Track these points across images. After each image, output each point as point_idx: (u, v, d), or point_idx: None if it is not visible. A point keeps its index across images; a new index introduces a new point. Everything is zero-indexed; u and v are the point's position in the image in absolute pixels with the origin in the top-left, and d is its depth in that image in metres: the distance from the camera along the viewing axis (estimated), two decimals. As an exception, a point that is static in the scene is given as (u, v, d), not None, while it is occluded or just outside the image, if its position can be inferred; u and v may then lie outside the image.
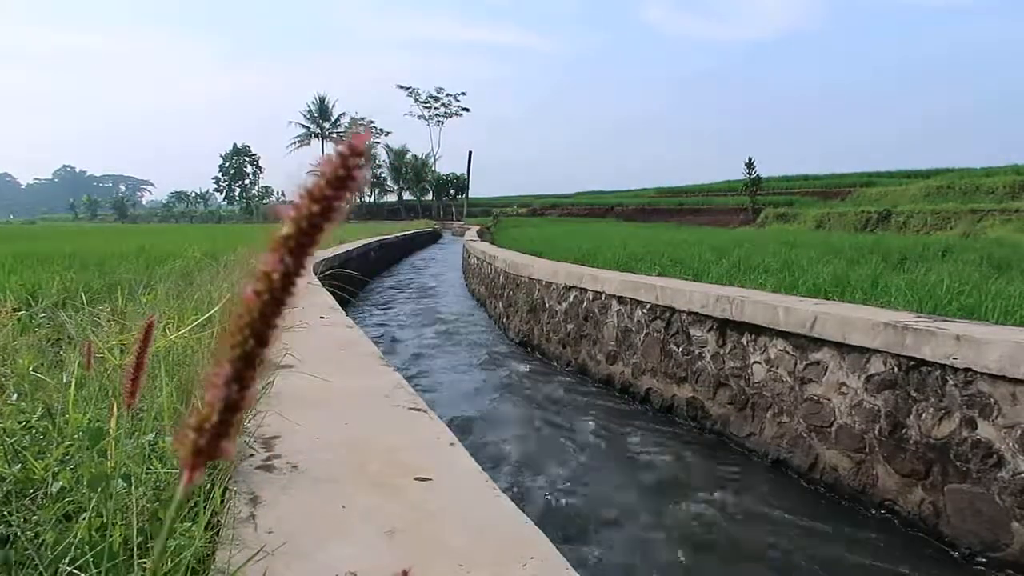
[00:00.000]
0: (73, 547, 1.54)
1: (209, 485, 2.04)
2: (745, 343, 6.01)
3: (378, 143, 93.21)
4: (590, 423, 6.80)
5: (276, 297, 0.36)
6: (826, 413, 5.12)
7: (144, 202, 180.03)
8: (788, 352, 5.50)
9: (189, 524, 1.72)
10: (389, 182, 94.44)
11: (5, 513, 1.66)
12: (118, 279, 6.14)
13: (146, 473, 1.83)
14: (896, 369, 4.57)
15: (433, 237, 48.59)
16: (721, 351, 6.32)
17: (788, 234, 20.40)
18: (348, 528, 1.99)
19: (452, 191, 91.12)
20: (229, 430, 0.37)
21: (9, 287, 4.92)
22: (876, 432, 4.70)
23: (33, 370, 2.53)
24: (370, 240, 23.61)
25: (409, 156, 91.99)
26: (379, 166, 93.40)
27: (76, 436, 1.85)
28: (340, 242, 20.29)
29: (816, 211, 31.13)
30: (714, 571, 4.18)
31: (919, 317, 4.86)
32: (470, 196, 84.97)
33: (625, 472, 5.54)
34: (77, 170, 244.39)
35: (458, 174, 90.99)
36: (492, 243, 20.41)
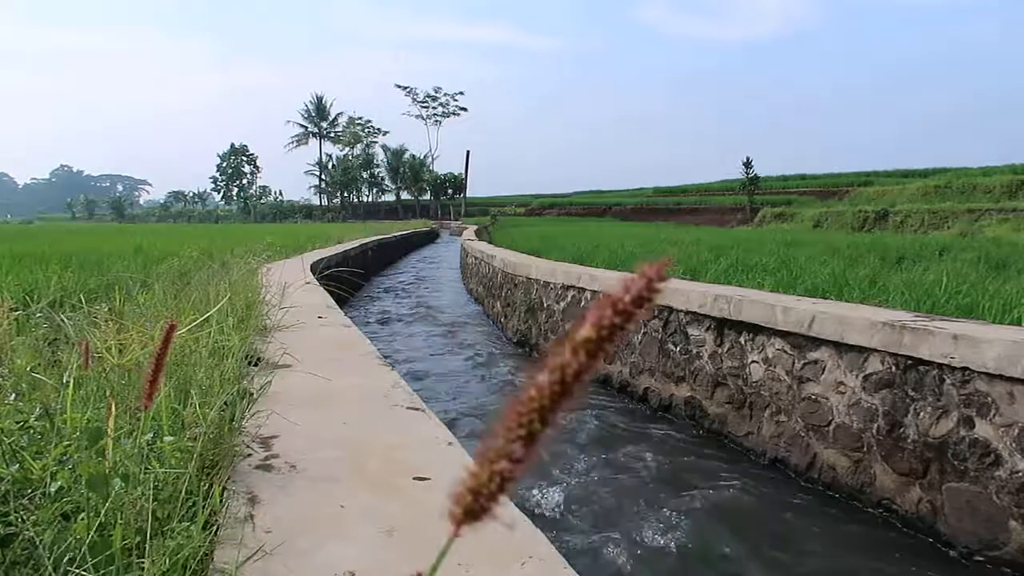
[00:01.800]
0: (72, 547, 1.53)
1: (207, 485, 2.04)
2: (743, 342, 6.02)
3: (376, 143, 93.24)
4: (587, 422, 6.80)
5: (566, 389, 0.41)
6: (824, 412, 5.13)
7: (142, 202, 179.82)
8: (786, 351, 5.51)
9: (187, 524, 1.72)
10: (387, 182, 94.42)
11: (4, 513, 1.66)
12: (115, 279, 6.13)
13: (144, 473, 1.83)
14: (894, 368, 4.58)
15: (431, 237, 48.58)
16: (719, 350, 6.32)
17: (786, 233, 20.42)
18: (347, 528, 1.99)
19: (450, 191, 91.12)
20: (500, 497, 0.42)
21: (6, 287, 4.92)
22: (874, 431, 4.71)
23: (31, 370, 2.53)
24: (368, 240, 23.60)
25: (407, 156, 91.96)
26: (377, 166, 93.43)
27: (74, 436, 1.85)
28: (338, 242, 20.30)
29: (814, 210, 31.18)
30: (712, 570, 4.19)
31: (917, 316, 4.87)
32: (468, 196, 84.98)
33: (623, 470, 5.54)
34: (74, 170, 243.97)
35: (456, 174, 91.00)
36: (490, 243, 20.41)
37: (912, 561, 4.12)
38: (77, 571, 1.49)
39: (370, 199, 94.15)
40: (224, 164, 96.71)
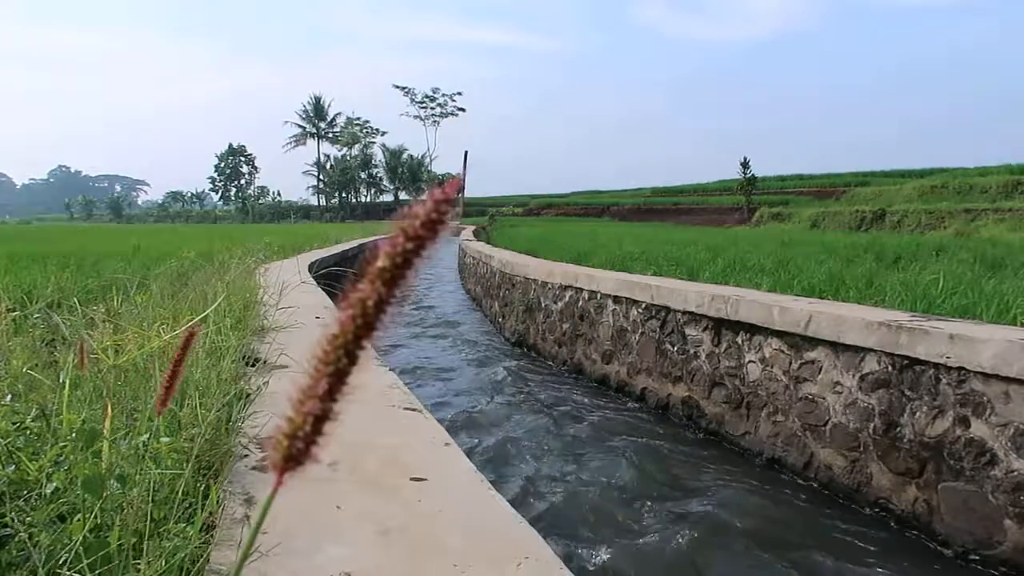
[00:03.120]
0: (68, 548, 1.54)
1: (204, 486, 2.04)
2: (740, 342, 6.03)
3: (374, 143, 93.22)
4: (585, 422, 6.81)
5: (369, 321, 0.41)
6: (821, 412, 5.14)
7: (140, 202, 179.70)
8: (783, 351, 5.52)
9: (184, 525, 1.72)
10: (385, 182, 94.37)
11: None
12: (113, 279, 6.12)
13: (140, 474, 1.83)
14: (890, 368, 4.59)
15: (429, 237, 48.46)
16: (716, 350, 6.33)
17: (783, 233, 20.45)
18: (343, 528, 1.99)
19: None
20: (319, 439, 0.42)
21: (3, 287, 4.91)
22: (870, 431, 4.72)
23: (27, 371, 2.53)
24: (366, 240, 23.60)
25: (405, 156, 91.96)
26: (375, 166, 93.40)
27: (70, 437, 1.85)
28: (336, 242, 20.29)
29: (811, 210, 31.23)
30: (709, 570, 4.19)
31: (913, 316, 4.88)
32: (466, 196, 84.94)
33: (620, 470, 5.55)
34: (72, 170, 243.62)
35: (454, 174, 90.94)
36: (488, 243, 20.42)
37: (908, 560, 4.13)
38: (73, 573, 1.49)
39: (368, 199, 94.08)
40: (222, 164, 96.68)
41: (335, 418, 0.41)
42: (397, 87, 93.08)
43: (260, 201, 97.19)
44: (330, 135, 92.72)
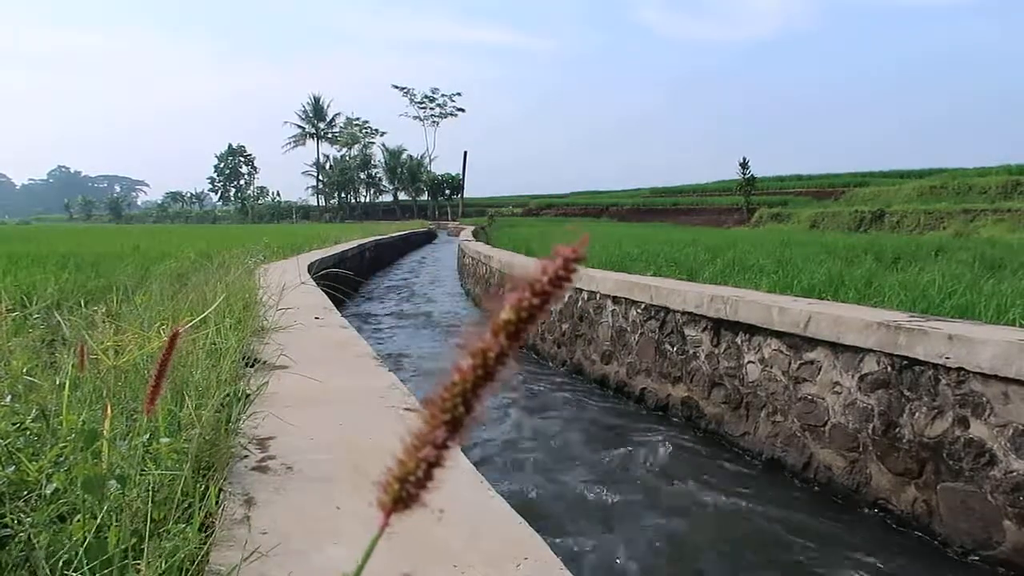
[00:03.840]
0: (67, 549, 1.54)
1: (204, 487, 2.04)
2: (739, 343, 6.03)
3: (373, 143, 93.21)
4: (584, 422, 6.81)
5: (488, 372, 0.41)
6: (820, 412, 5.14)
7: (139, 203, 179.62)
8: (782, 352, 5.52)
9: (184, 526, 1.72)
10: (385, 182, 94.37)
11: (0, 515, 1.66)
12: (113, 280, 6.13)
13: (140, 475, 1.83)
14: (889, 368, 4.59)
15: (428, 237, 48.57)
16: (715, 351, 6.33)
17: (782, 234, 20.46)
18: (343, 529, 2.00)
19: (447, 191, 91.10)
20: (429, 484, 0.42)
21: (4, 288, 4.91)
22: (869, 431, 4.73)
23: (27, 371, 2.53)
24: (366, 240, 23.60)
25: (405, 156, 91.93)
26: (374, 166, 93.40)
27: (70, 438, 1.85)
28: (335, 242, 20.29)
29: (810, 211, 31.24)
30: (705, 567, 4.20)
31: (912, 317, 4.89)
32: (465, 196, 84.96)
33: (618, 470, 5.55)
34: (72, 170, 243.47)
35: (453, 174, 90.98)
36: (487, 243, 20.42)
37: (908, 561, 4.13)
38: (73, 574, 1.49)
39: (367, 199, 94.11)
40: (222, 165, 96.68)
41: (446, 465, 0.42)
42: (396, 87, 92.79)
43: (259, 201, 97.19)
44: (329, 135, 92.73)
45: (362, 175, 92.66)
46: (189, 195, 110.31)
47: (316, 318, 5.90)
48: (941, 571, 4.02)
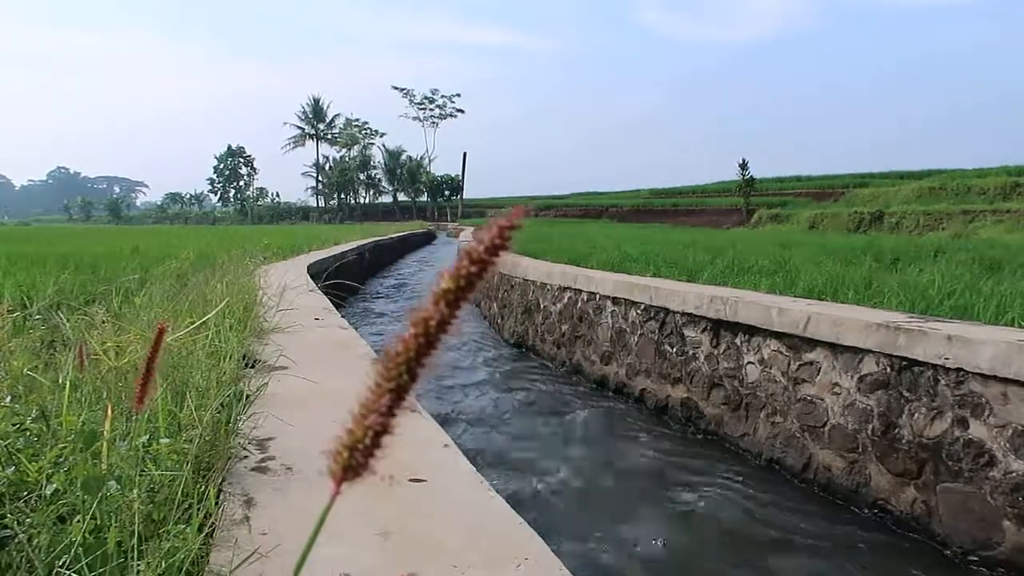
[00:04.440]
0: (67, 549, 1.54)
1: (203, 487, 2.04)
2: (739, 344, 6.03)
3: (373, 144, 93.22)
4: (583, 423, 6.81)
5: (430, 340, 0.42)
6: (819, 413, 5.14)
7: (139, 204, 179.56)
8: (782, 352, 5.53)
9: (183, 526, 1.73)
10: (384, 183, 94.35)
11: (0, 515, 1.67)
12: (113, 281, 6.13)
13: (140, 475, 1.83)
14: (889, 369, 4.60)
15: (428, 238, 48.56)
16: (715, 352, 6.34)
17: (782, 235, 20.47)
18: (342, 529, 2.00)
19: (447, 192, 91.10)
20: (377, 451, 0.43)
21: (4, 289, 4.91)
22: (869, 432, 4.73)
23: (27, 372, 2.53)
24: (365, 241, 23.59)
25: (404, 157, 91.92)
26: (374, 167, 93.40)
27: (70, 438, 1.85)
28: (335, 243, 20.29)
29: (809, 212, 31.26)
30: (705, 568, 4.20)
31: (911, 317, 4.89)
32: (464, 197, 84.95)
33: (618, 471, 5.55)
34: (71, 171, 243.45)
35: (453, 175, 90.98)
36: (487, 244, 20.37)
37: (907, 562, 4.14)
38: (72, 574, 1.49)
39: (367, 200, 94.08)
40: (221, 166, 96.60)
41: (393, 432, 0.43)
42: (396, 88, 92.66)
43: (259, 202, 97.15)
44: (329, 136, 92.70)
45: (361, 176, 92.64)
46: (188, 196, 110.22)
47: (316, 319, 5.90)
48: (941, 572, 4.02)
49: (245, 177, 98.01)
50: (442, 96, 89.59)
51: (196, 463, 2.09)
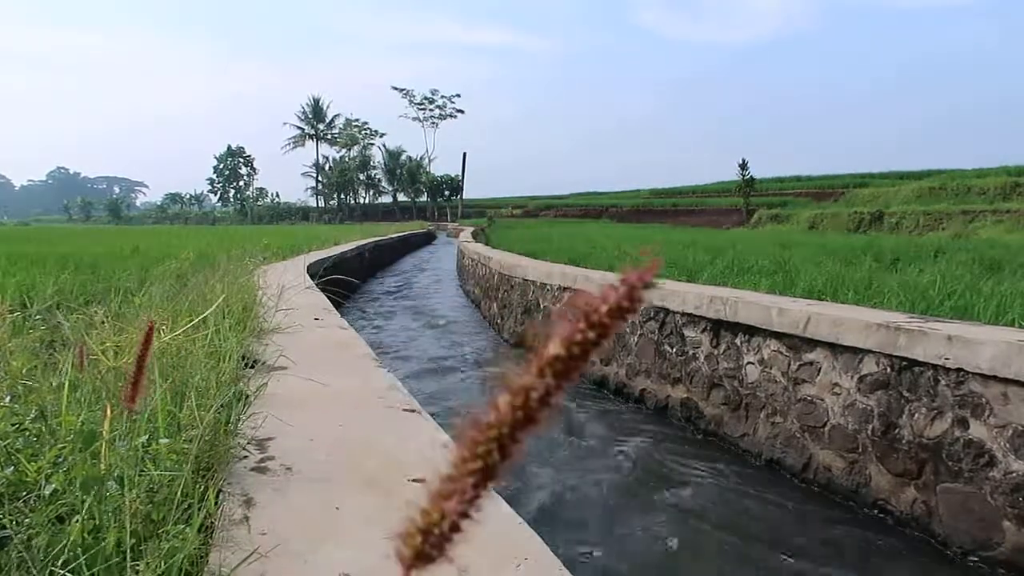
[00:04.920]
0: (66, 549, 1.54)
1: (203, 487, 2.04)
2: (739, 344, 6.03)
3: (373, 144, 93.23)
4: (583, 423, 6.81)
5: (530, 415, 0.36)
6: (819, 413, 5.14)
7: (138, 204, 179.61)
8: (782, 353, 5.52)
9: (183, 526, 1.72)
10: (384, 183, 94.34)
11: (-2, 516, 1.66)
12: (112, 281, 6.12)
13: (139, 475, 1.83)
14: (889, 369, 4.60)
15: (427, 238, 48.55)
16: (715, 352, 6.34)
17: (781, 235, 20.47)
18: (342, 530, 1.99)
19: (447, 192, 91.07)
20: (455, 536, 0.37)
21: (4, 289, 4.91)
22: (869, 432, 4.73)
23: (27, 372, 2.53)
24: (365, 241, 23.59)
25: (404, 157, 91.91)
26: (374, 167, 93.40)
27: (69, 438, 1.85)
28: (335, 243, 20.29)
29: (809, 212, 31.25)
30: (705, 568, 4.19)
31: (911, 318, 4.89)
32: (464, 197, 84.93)
33: (618, 472, 5.55)
34: (71, 171, 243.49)
35: (452, 175, 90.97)
36: (486, 244, 20.42)
37: (907, 562, 4.13)
38: (71, 575, 1.49)
39: (367, 201, 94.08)
40: (221, 166, 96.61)
41: (476, 516, 0.37)
42: (396, 89, 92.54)
43: (259, 203, 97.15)
44: (329, 136, 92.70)
45: (361, 176, 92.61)
46: (188, 196, 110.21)
47: (315, 319, 5.90)
48: (940, 572, 4.02)
49: (245, 177, 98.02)
50: (442, 96, 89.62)
51: (196, 463, 2.09)
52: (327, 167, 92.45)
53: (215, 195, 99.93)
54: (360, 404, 3.35)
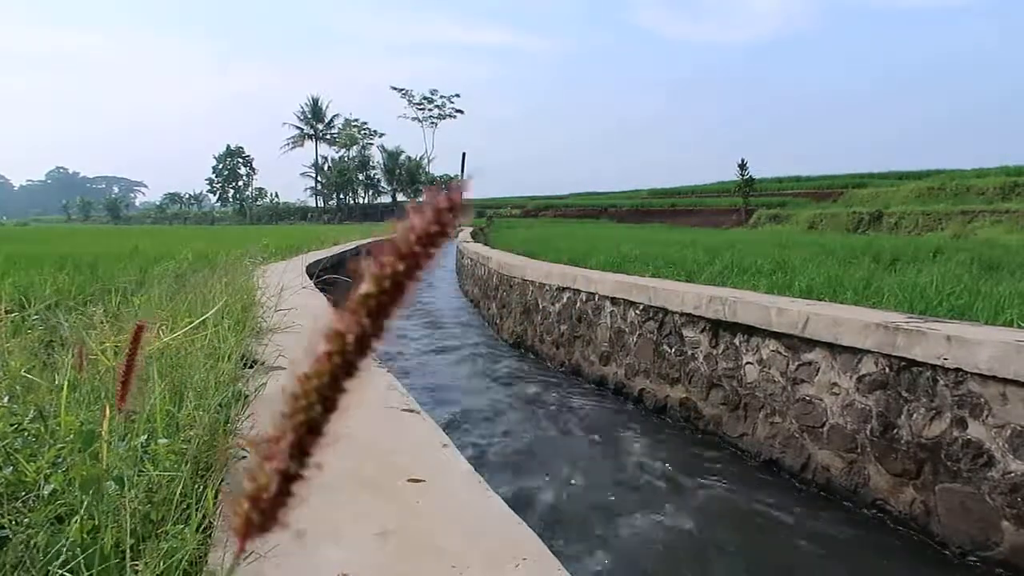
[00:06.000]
0: (65, 549, 1.54)
1: (201, 487, 2.04)
2: (738, 344, 6.03)
3: (372, 144, 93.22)
4: (582, 423, 6.81)
5: (349, 360, 0.33)
6: (818, 413, 5.14)
7: (137, 203, 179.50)
8: (780, 353, 5.53)
9: (181, 526, 1.72)
10: (383, 183, 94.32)
11: (-3, 516, 1.66)
12: (111, 281, 6.12)
13: (138, 475, 1.83)
14: (887, 369, 4.60)
15: (427, 238, 48.44)
16: (714, 352, 6.34)
17: (781, 235, 20.47)
18: (341, 530, 1.99)
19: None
20: (287, 501, 0.35)
21: (2, 289, 4.90)
22: (868, 432, 4.73)
23: (25, 372, 2.53)
24: (365, 241, 23.59)
25: (403, 157, 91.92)
26: (373, 167, 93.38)
27: (68, 438, 1.85)
28: (334, 243, 20.29)
29: (808, 212, 31.26)
30: (704, 568, 4.20)
31: (910, 318, 4.89)
32: (464, 197, 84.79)
33: (617, 472, 5.55)
34: (70, 171, 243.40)
35: (452, 175, 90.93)
36: (486, 244, 20.42)
37: (905, 562, 4.14)
38: (70, 574, 1.49)
39: (366, 201, 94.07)
40: (220, 166, 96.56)
41: (306, 477, 0.34)
42: (395, 89, 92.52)
43: (258, 203, 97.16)
44: (328, 137, 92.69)
45: (360, 176, 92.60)
46: (187, 196, 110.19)
47: (315, 319, 5.89)
48: (939, 572, 4.02)
49: (244, 177, 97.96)
50: (441, 96, 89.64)
51: (194, 463, 2.09)
52: (326, 167, 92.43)
53: (214, 195, 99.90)
54: (359, 404, 3.34)
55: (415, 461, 2.55)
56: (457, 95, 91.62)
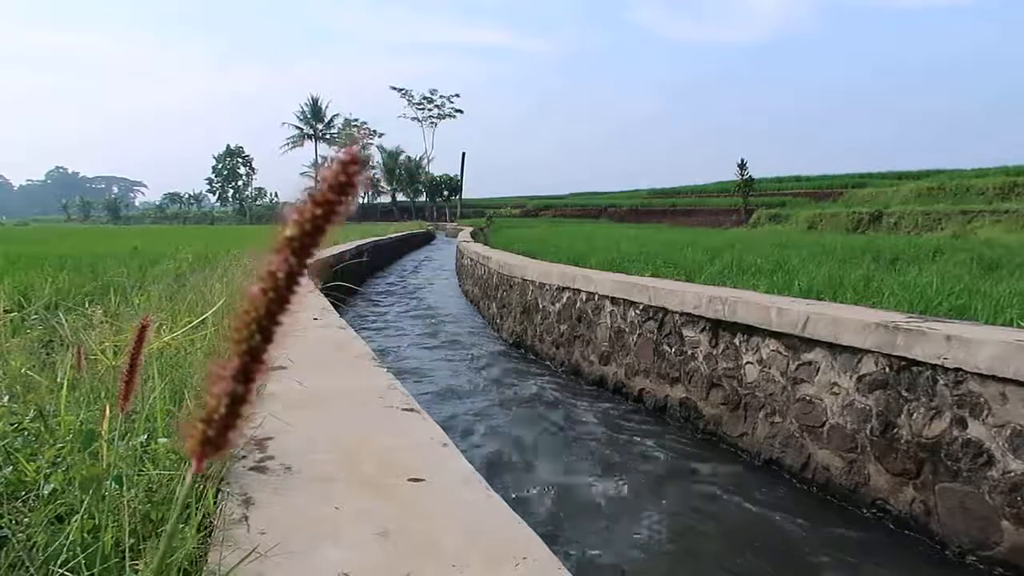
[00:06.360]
0: (65, 549, 1.54)
1: (201, 487, 2.04)
2: (738, 344, 6.03)
3: (371, 144, 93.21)
4: (582, 423, 6.81)
5: (281, 295, 0.39)
6: (818, 413, 5.15)
7: (137, 203, 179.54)
8: (780, 352, 5.53)
9: (181, 526, 1.72)
10: (383, 183, 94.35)
11: (-3, 515, 1.66)
12: (111, 281, 6.12)
13: (138, 475, 1.83)
14: (887, 369, 4.60)
15: (426, 238, 48.57)
16: (714, 352, 6.34)
17: (780, 235, 20.48)
18: (341, 529, 1.99)
19: (446, 192, 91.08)
20: (236, 422, 0.40)
21: (1, 289, 4.90)
22: (868, 432, 4.73)
23: (25, 372, 2.53)
24: (363, 241, 23.57)
25: (403, 157, 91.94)
26: (373, 168, 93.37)
27: (68, 438, 1.85)
28: (334, 243, 20.28)
29: (808, 212, 31.27)
30: (702, 568, 4.20)
31: (910, 317, 4.89)
32: (463, 197, 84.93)
33: (617, 471, 5.55)
34: (69, 171, 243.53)
35: (451, 175, 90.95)
36: (485, 244, 20.41)
37: (905, 561, 4.14)
38: (70, 574, 1.49)
39: (366, 201, 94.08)
40: (220, 166, 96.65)
41: (252, 400, 0.40)
42: (395, 89, 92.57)
43: (257, 202, 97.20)
44: (327, 136, 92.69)
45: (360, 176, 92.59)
46: (187, 196, 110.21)
47: (314, 319, 5.89)
48: (939, 572, 4.03)
49: (244, 177, 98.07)
50: (441, 96, 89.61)
51: (194, 463, 2.08)
52: (326, 167, 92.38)
53: (214, 195, 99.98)
54: (359, 403, 3.34)
55: (415, 460, 2.55)
56: (457, 95, 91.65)
